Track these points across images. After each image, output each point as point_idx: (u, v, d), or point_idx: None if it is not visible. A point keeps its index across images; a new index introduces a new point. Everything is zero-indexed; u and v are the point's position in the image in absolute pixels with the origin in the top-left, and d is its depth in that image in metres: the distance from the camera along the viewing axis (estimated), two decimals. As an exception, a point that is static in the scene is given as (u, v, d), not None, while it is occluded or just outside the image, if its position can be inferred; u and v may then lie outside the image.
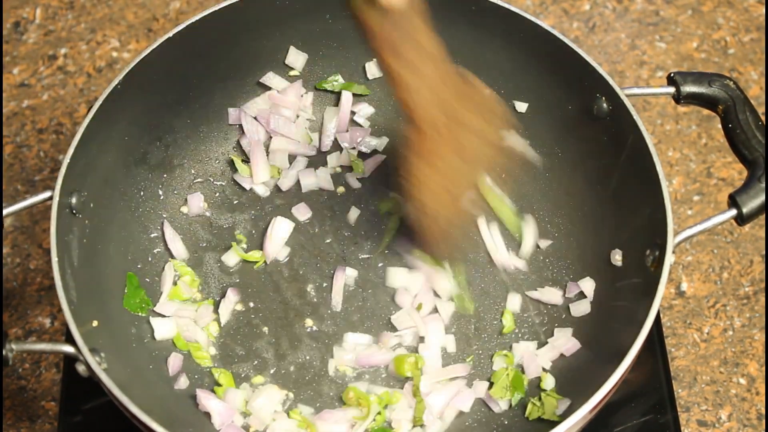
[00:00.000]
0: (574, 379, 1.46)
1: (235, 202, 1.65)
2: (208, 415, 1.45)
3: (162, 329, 1.51)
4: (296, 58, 1.69)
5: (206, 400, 1.44)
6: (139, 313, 1.52)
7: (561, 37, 1.55)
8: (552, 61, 1.57)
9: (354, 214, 1.63)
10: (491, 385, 1.48)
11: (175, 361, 1.49)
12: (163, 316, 1.52)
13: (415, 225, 1.50)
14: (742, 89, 1.47)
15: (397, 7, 1.32)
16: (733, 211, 1.39)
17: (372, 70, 1.72)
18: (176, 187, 1.64)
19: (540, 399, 1.46)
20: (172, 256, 1.58)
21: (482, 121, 1.47)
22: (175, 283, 1.55)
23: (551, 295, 1.56)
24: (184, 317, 1.52)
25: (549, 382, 1.47)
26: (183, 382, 1.48)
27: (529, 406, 1.46)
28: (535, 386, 1.49)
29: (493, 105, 1.50)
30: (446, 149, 1.44)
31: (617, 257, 1.52)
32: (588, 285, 1.55)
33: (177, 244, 1.59)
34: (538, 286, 1.57)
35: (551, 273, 1.59)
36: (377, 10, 1.33)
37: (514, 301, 1.56)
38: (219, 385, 1.48)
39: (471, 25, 1.62)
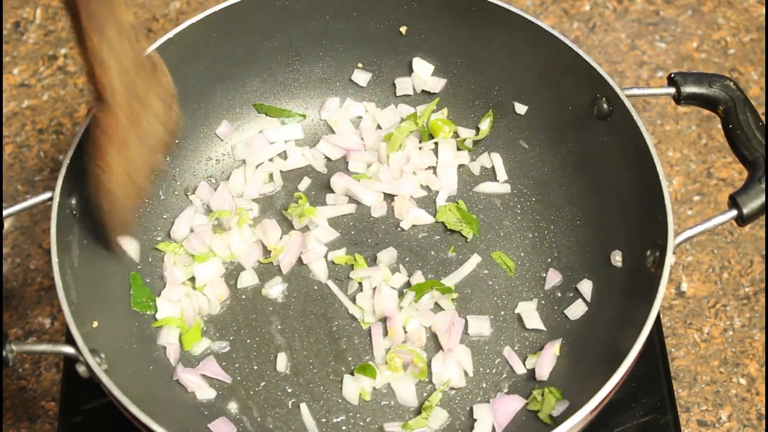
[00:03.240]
0: (574, 379, 1.46)
1: (235, 202, 1.66)
2: (208, 415, 1.45)
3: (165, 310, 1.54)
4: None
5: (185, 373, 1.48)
6: (148, 312, 1.53)
7: (561, 37, 1.55)
8: (552, 61, 1.57)
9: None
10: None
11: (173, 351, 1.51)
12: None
13: (100, 208, 1.44)
14: (742, 90, 1.47)
15: None
16: (734, 212, 1.39)
17: (358, 76, 1.72)
18: (176, 188, 1.64)
19: (543, 395, 1.46)
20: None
21: (159, 102, 1.45)
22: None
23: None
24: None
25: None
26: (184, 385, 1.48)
27: (530, 398, 1.47)
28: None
29: (168, 86, 1.47)
30: (131, 132, 1.40)
31: (617, 258, 1.52)
32: (586, 286, 1.55)
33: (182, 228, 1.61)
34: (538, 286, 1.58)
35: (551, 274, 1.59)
36: None
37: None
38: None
39: (471, 25, 1.62)
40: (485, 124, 1.68)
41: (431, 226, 1.63)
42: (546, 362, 1.48)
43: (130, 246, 1.56)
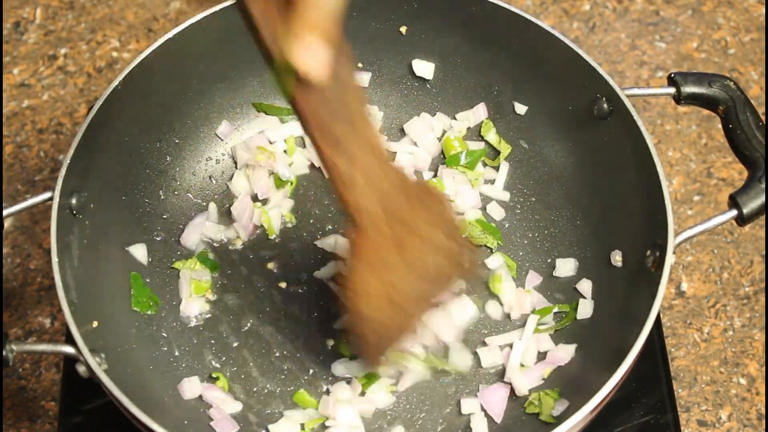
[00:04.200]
0: (573, 380, 1.46)
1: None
2: (208, 416, 1.45)
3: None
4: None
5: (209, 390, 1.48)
6: (149, 312, 1.53)
7: (561, 37, 1.55)
8: (552, 61, 1.57)
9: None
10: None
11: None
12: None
13: (356, 334, 1.36)
14: (742, 90, 1.47)
15: (317, 79, 1.12)
16: (734, 212, 1.39)
17: (358, 77, 1.72)
18: (176, 188, 1.64)
19: (539, 398, 1.46)
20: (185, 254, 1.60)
21: (438, 233, 1.34)
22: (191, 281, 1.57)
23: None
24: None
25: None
26: (184, 387, 1.48)
27: (527, 402, 1.47)
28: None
29: (451, 218, 1.37)
30: (392, 256, 1.30)
31: (617, 258, 1.52)
32: (586, 286, 1.55)
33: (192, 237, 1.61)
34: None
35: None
36: (305, 87, 1.15)
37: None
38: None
39: (471, 25, 1.62)
40: (491, 136, 1.68)
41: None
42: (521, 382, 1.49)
43: (137, 251, 1.56)
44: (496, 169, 1.67)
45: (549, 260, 1.59)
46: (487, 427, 1.46)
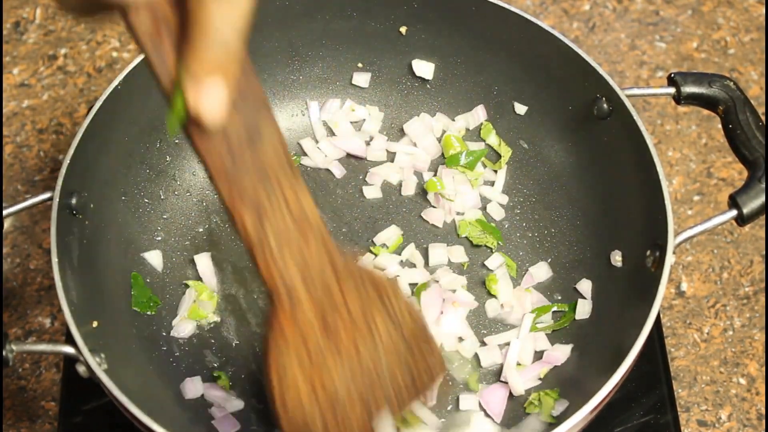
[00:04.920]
0: (573, 380, 1.46)
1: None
2: (209, 416, 1.45)
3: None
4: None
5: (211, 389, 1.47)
6: (149, 312, 1.53)
7: (561, 37, 1.55)
8: (552, 61, 1.57)
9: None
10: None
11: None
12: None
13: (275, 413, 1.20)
14: (742, 90, 1.47)
15: (212, 124, 0.97)
16: (734, 212, 1.40)
17: (358, 77, 1.72)
18: (176, 188, 1.64)
19: (539, 398, 1.46)
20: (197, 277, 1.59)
21: (388, 326, 1.17)
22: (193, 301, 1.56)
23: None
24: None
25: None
26: (186, 387, 1.48)
27: (527, 402, 1.47)
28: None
29: (408, 313, 1.19)
30: (317, 340, 1.14)
31: (617, 258, 1.52)
32: (586, 286, 1.55)
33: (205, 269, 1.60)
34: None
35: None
36: (202, 131, 1.01)
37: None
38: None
39: (471, 25, 1.62)
40: (492, 138, 1.68)
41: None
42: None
43: (153, 257, 1.57)
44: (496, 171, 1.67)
45: (549, 260, 1.59)
46: (487, 425, 1.46)
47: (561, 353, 1.49)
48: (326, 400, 1.17)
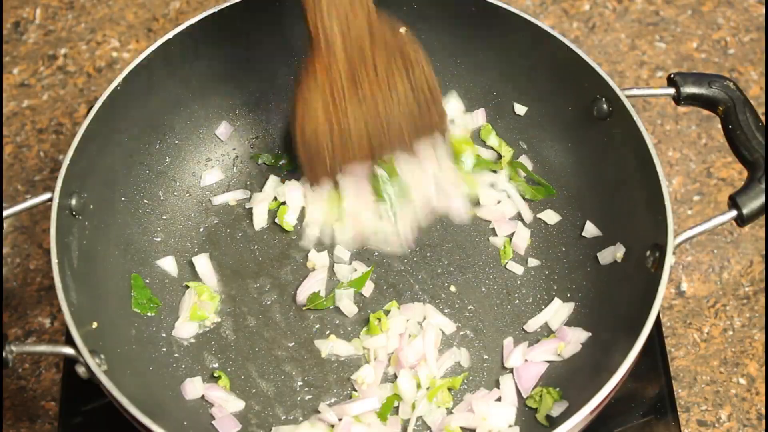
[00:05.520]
0: (573, 380, 1.46)
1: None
2: (208, 416, 1.46)
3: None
4: None
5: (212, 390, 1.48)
6: (149, 313, 1.53)
7: (561, 37, 1.55)
8: (552, 62, 1.57)
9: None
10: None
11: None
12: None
13: (298, 150, 1.52)
14: (742, 90, 1.47)
15: None
16: (734, 212, 1.40)
17: None
18: (176, 188, 1.64)
19: (541, 395, 1.46)
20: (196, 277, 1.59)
21: (404, 84, 1.46)
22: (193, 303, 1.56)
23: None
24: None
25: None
26: (186, 388, 1.48)
27: (528, 397, 1.47)
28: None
29: (425, 75, 1.49)
30: (347, 87, 1.44)
31: (618, 255, 1.52)
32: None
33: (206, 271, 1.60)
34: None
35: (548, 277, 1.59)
36: None
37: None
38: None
39: (470, 25, 1.62)
40: (492, 139, 1.68)
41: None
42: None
43: (166, 263, 1.58)
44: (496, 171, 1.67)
45: (549, 261, 1.60)
46: (514, 390, 1.48)
47: (574, 334, 1.50)
48: (339, 134, 1.48)
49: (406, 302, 1.56)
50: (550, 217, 1.62)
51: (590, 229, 1.58)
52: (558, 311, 1.54)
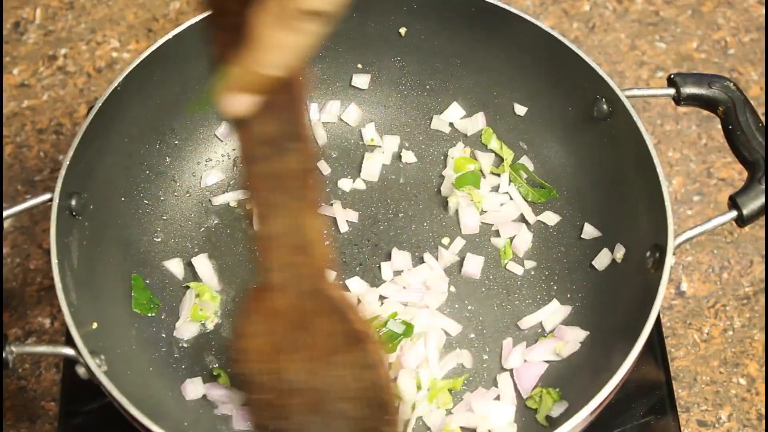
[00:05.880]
0: (572, 381, 1.46)
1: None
2: (207, 417, 1.46)
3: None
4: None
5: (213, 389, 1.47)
6: (150, 314, 1.53)
7: (561, 38, 1.55)
8: (552, 62, 1.57)
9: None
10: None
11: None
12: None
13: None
14: (742, 90, 1.47)
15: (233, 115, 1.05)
16: (734, 213, 1.40)
17: (358, 79, 1.72)
18: (176, 189, 1.64)
19: (541, 395, 1.46)
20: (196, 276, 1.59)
21: (348, 366, 1.22)
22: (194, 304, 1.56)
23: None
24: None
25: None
26: (187, 388, 1.48)
27: (527, 397, 1.47)
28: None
29: (373, 360, 1.22)
30: (288, 330, 1.22)
31: (618, 255, 1.52)
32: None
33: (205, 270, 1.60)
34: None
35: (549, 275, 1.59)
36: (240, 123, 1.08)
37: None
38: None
39: (470, 26, 1.62)
40: (493, 143, 1.68)
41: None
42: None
43: (174, 266, 1.58)
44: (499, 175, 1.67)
45: (549, 261, 1.60)
46: (512, 388, 1.48)
47: (572, 333, 1.50)
48: (278, 376, 1.25)
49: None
50: (550, 217, 1.62)
51: (590, 230, 1.58)
52: (555, 312, 1.54)
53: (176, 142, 1.64)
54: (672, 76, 1.50)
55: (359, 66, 1.72)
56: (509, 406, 1.46)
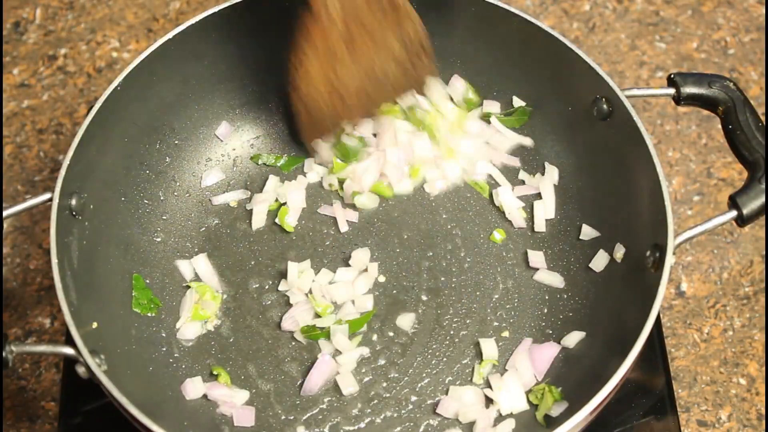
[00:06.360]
0: (573, 380, 1.46)
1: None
2: (207, 416, 1.46)
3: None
4: None
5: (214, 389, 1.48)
6: (150, 314, 1.53)
7: (561, 38, 1.55)
8: (552, 62, 1.57)
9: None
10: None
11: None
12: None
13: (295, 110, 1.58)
14: (742, 90, 1.48)
15: None
16: (734, 213, 1.40)
17: None
18: (176, 188, 1.64)
19: (542, 393, 1.46)
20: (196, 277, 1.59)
21: (397, 43, 1.51)
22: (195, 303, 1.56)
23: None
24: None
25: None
26: (187, 388, 1.48)
27: (531, 391, 1.48)
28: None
29: (417, 35, 1.54)
30: (342, 49, 1.49)
31: (618, 254, 1.52)
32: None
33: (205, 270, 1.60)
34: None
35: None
36: None
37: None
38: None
39: (470, 25, 1.62)
40: (470, 94, 1.69)
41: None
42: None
43: (183, 266, 1.58)
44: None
45: (549, 261, 1.60)
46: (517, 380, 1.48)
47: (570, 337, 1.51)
48: (337, 94, 1.54)
49: (409, 311, 1.55)
50: (550, 216, 1.62)
51: (589, 230, 1.58)
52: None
53: (176, 141, 1.64)
54: (672, 76, 1.50)
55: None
56: (520, 390, 1.47)
